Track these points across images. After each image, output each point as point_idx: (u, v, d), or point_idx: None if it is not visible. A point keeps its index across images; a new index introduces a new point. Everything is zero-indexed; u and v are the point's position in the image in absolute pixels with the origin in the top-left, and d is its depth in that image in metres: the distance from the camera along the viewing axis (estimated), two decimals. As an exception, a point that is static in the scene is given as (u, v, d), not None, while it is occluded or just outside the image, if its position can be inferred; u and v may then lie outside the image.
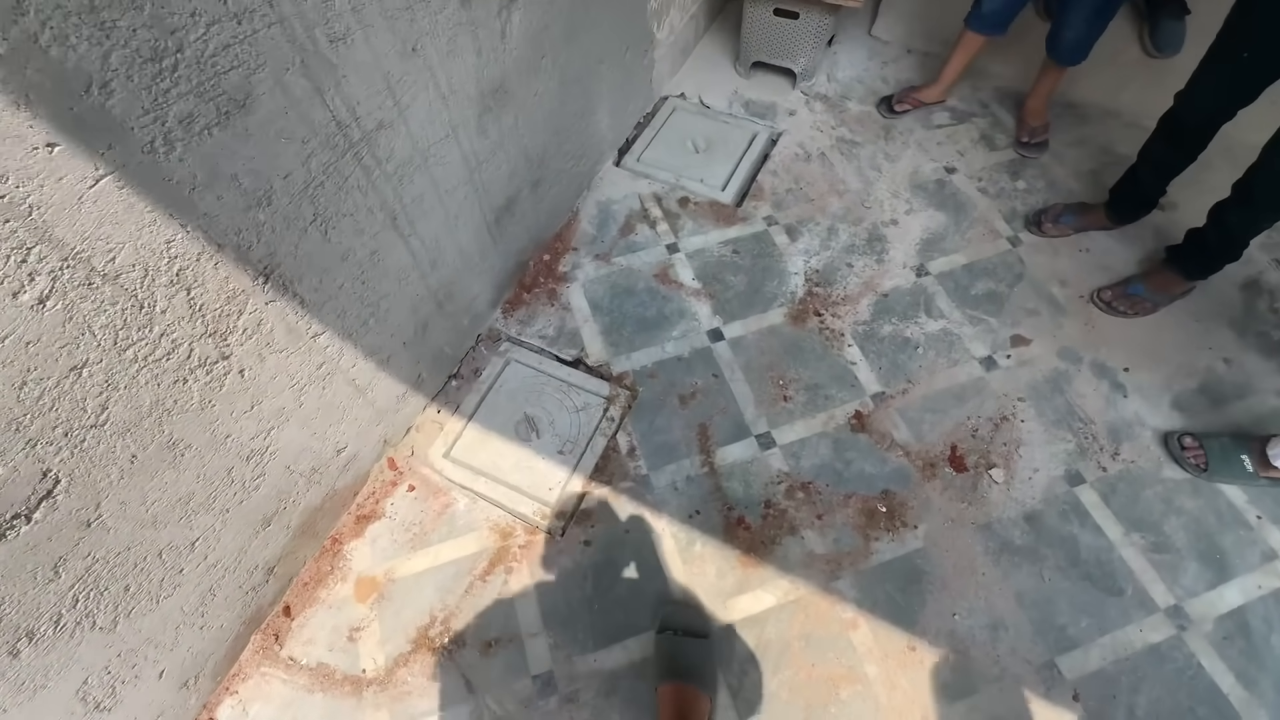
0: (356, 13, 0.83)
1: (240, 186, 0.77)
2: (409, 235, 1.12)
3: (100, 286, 0.67)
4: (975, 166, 1.82)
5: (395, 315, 1.18)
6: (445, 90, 1.05)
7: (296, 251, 0.90)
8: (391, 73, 0.93)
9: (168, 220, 0.71)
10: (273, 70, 0.75)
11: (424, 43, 0.96)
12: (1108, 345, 1.49)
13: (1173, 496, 1.30)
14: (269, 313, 0.89)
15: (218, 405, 0.87)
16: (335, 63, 0.83)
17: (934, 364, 1.48)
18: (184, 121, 0.68)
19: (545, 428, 1.40)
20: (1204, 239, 1.41)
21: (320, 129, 0.85)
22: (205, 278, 0.78)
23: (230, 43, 0.69)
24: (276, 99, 0.77)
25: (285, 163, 0.82)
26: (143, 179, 0.66)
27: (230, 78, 0.70)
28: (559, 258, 1.65)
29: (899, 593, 1.21)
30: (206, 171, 0.73)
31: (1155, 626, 1.17)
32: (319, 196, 0.89)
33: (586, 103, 1.56)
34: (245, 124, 0.74)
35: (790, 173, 1.82)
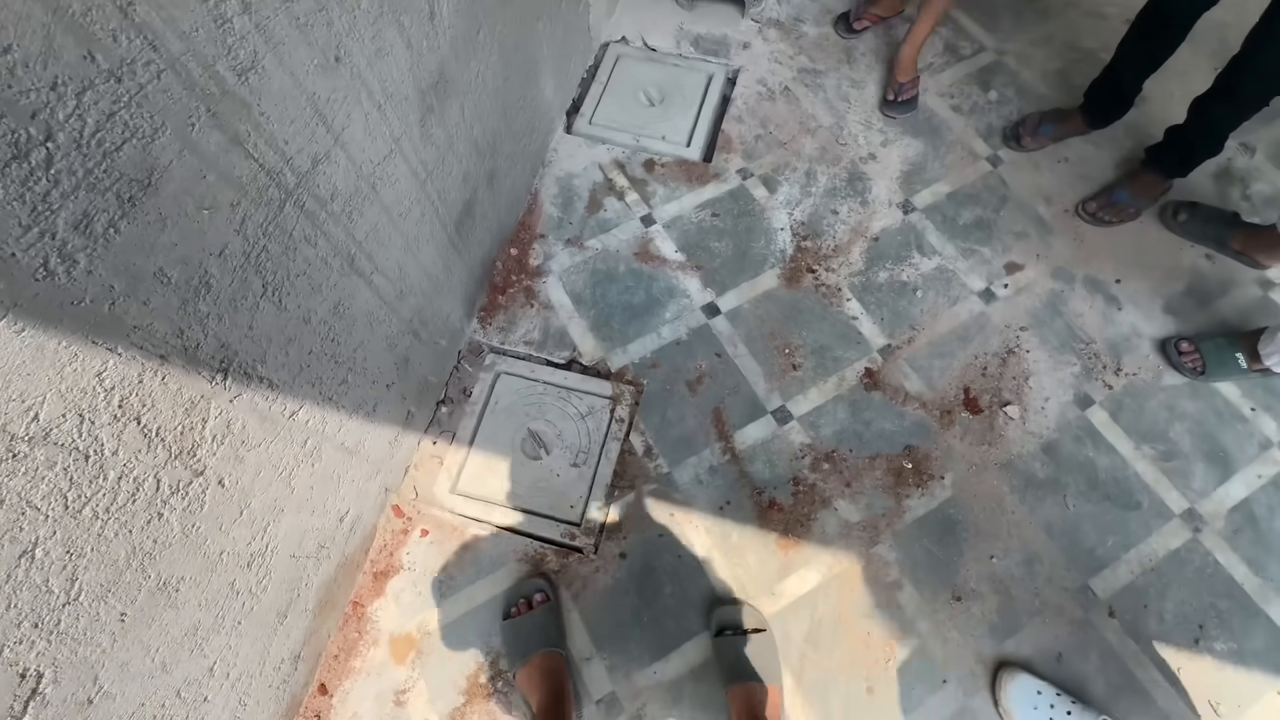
0: (262, 30, 0.65)
1: (170, 282, 0.62)
2: (371, 274, 0.97)
3: (29, 453, 0.53)
4: (944, 82, 1.73)
5: (373, 361, 1.04)
6: (380, 99, 0.88)
7: (251, 333, 0.76)
8: (317, 94, 0.76)
9: (91, 349, 0.56)
10: (175, 130, 0.58)
11: (347, 47, 0.79)
12: (1097, 259, 1.49)
13: (1175, 402, 1.34)
14: (236, 410, 0.76)
15: (203, 526, 0.75)
16: (249, 100, 0.66)
17: (935, 306, 1.44)
18: (79, 226, 0.52)
19: (553, 441, 1.31)
20: (1186, 135, 1.39)
21: (249, 184, 0.69)
22: (154, 399, 0.64)
23: (113, 110, 0.52)
24: (188, 164, 0.61)
25: (216, 237, 0.67)
26: (46, 312, 0.52)
27: (124, 154, 0.54)
28: (527, 250, 1.51)
29: (936, 546, 1.22)
30: (124, 278, 0.57)
31: (1173, 532, 1.23)
32: (264, 263, 0.74)
33: (530, 70, 1.37)
34: (156, 206, 0.59)
35: (756, 115, 1.69)
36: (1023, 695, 1.08)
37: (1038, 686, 1.08)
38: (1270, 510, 1.24)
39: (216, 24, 0.60)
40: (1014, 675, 1.10)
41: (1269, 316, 1.41)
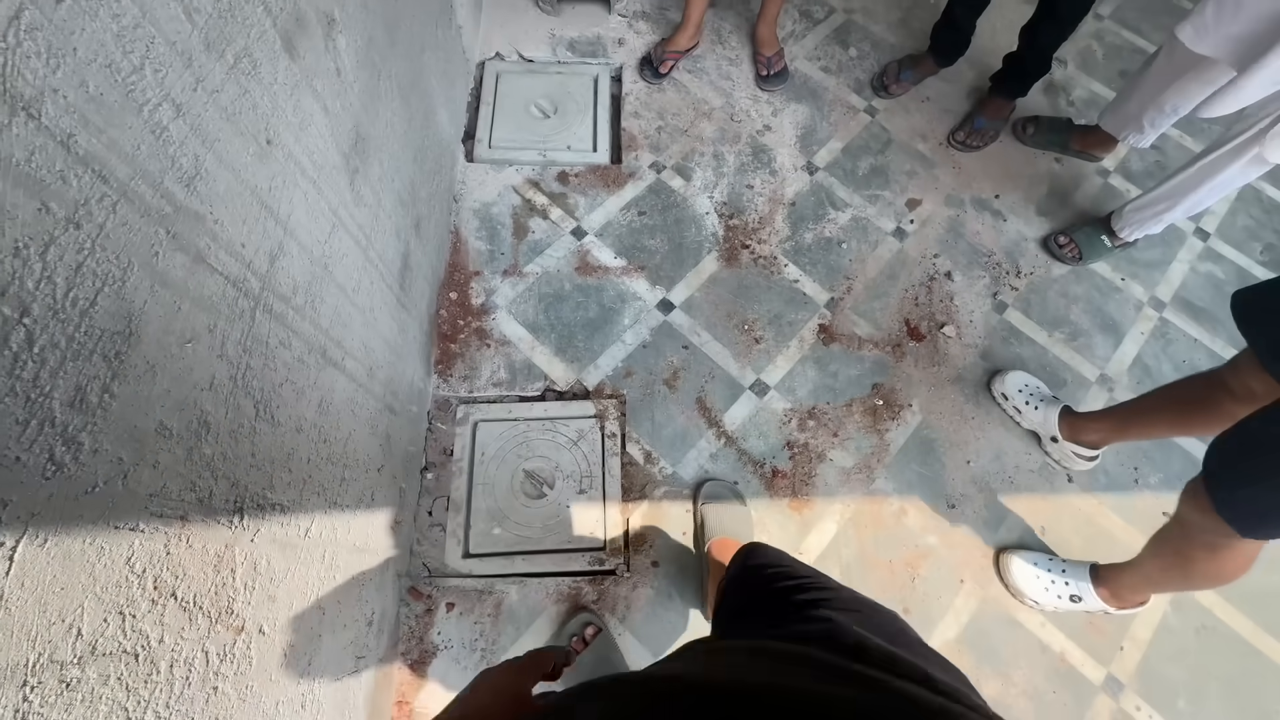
0: (198, 131, 0.58)
1: (172, 434, 0.55)
2: (342, 360, 0.89)
3: (81, 676, 0.45)
4: (809, 46, 1.85)
5: (362, 449, 0.97)
6: (313, 174, 0.80)
7: (255, 460, 0.68)
8: (259, 185, 0.68)
9: (115, 535, 0.48)
10: (142, 264, 0.51)
11: (274, 128, 0.71)
12: (976, 180, 1.68)
13: (1066, 289, 1.56)
14: (258, 547, 0.68)
15: (255, 683, 0.67)
16: (201, 210, 0.58)
17: (860, 253, 1.56)
18: (75, 403, 0.45)
19: (552, 475, 1.29)
20: (1021, 60, 1.59)
21: (220, 303, 0.61)
22: (184, 566, 0.56)
23: (80, 261, 0.45)
24: (161, 299, 0.53)
25: (203, 370, 0.59)
26: (64, 510, 0.44)
27: (100, 308, 0.47)
28: (466, 290, 1.44)
29: (923, 467, 1.35)
30: (129, 445, 0.50)
31: (1095, 396, 1.44)
32: (250, 382, 0.67)
33: (427, 106, 1.30)
34: (143, 355, 0.51)
35: (651, 108, 1.72)
36: (1024, 573, 1.23)
37: (1033, 559, 1.24)
38: (1157, 358, 1.49)
39: (155, 135, 0.52)
40: (1011, 558, 1.25)
41: (1113, 199, 1.67)
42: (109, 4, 0.47)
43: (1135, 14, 2.01)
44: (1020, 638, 1.22)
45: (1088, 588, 1.17)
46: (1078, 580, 1.19)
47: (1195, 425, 1.08)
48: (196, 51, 0.58)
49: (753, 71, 1.77)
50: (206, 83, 0.59)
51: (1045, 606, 1.21)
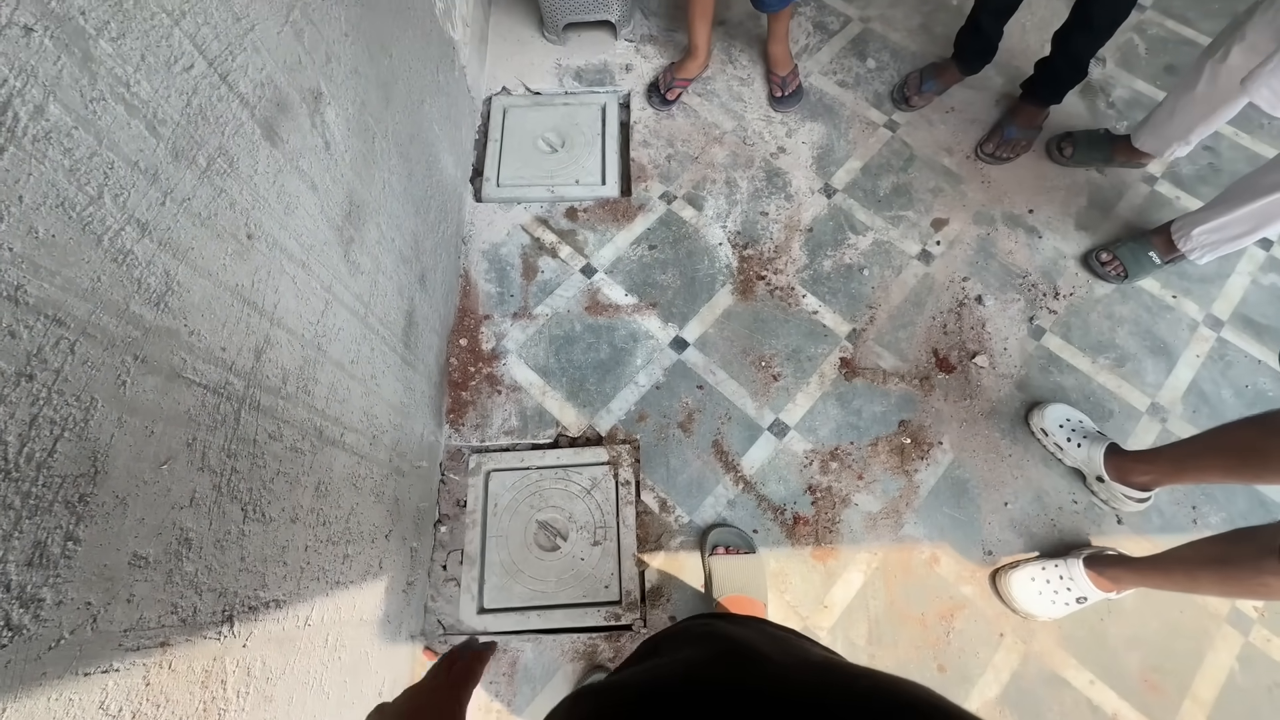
0: (167, 245, 0.56)
1: (149, 562, 0.54)
2: (341, 436, 0.88)
3: (50, 838, 0.44)
4: (824, 60, 1.78)
5: (366, 520, 0.96)
6: (302, 256, 0.79)
7: (244, 564, 0.67)
8: (240, 284, 0.67)
9: (85, 682, 0.47)
10: (107, 399, 0.50)
11: (256, 220, 0.70)
12: (1007, 195, 1.58)
13: (1111, 310, 1.45)
14: (252, 651, 0.67)
15: (252, 790, 0.66)
16: (174, 326, 0.57)
17: (883, 279, 1.49)
18: (33, 561, 0.43)
19: (566, 526, 1.26)
20: (1053, 66, 1.49)
21: (198, 414, 0.60)
22: (167, 693, 0.55)
23: (34, 412, 0.44)
24: (131, 428, 0.52)
25: (182, 488, 0.58)
26: (23, 672, 0.43)
27: (60, 455, 0.45)
28: (476, 335, 1.43)
29: (956, 510, 1.27)
30: (99, 587, 0.49)
31: (1146, 429, 1.34)
32: (237, 486, 0.66)
33: (429, 156, 1.29)
34: (112, 490, 0.50)
35: (660, 136, 1.67)
36: (1026, 592, 1.18)
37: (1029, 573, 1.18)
38: (1215, 383, 1.37)
39: (118, 262, 0.51)
40: (1010, 579, 1.20)
41: (1161, 208, 1.55)
42: (58, 141, 0.46)
43: (1182, 2, 1.87)
44: (1068, 697, 1.13)
45: (1087, 584, 1.11)
46: (1077, 581, 1.12)
47: (1261, 474, 0.98)
48: (163, 164, 0.56)
49: (765, 92, 1.71)
50: (175, 193, 0.58)
51: (1056, 616, 1.14)
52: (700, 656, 0.46)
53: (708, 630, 0.55)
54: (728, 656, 0.43)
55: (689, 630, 0.57)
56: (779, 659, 0.41)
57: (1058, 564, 1.16)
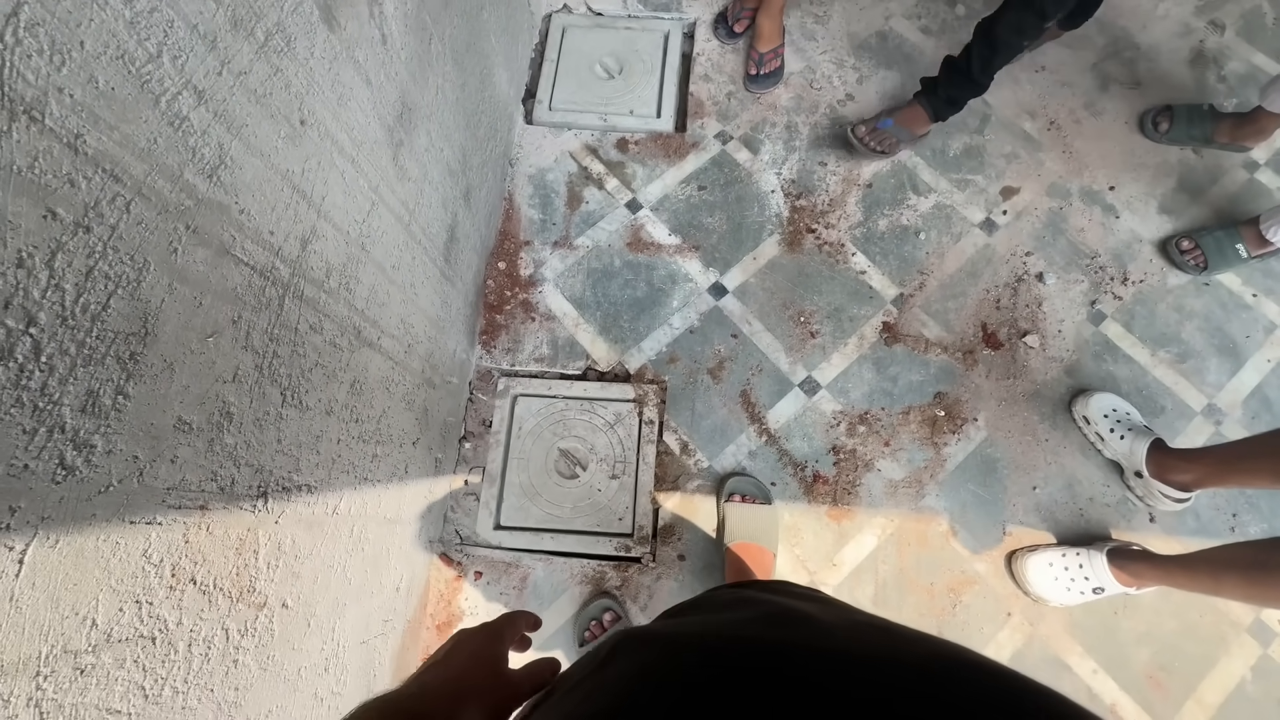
0: (222, 117, 0.56)
1: (192, 428, 0.55)
2: (378, 339, 0.89)
3: (96, 662, 0.48)
4: (909, 3, 1.64)
5: (396, 425, 0.98)
6: (352, 152, 0.78)
7: (281, 446, 0.69)
8: (291, 170, 0.66)
9: (131, 530, 0.50)
10: (159, 264, 0.50)
11: (309, 106, 0.69)
12: (1089, 168, 1.47)
13: (1182, 302, 1.36)
14: (283, 529, 0.70)
15: (277, 653, 0.71)
16: (226, 201, 0.57)
17: (939, 245, 1.42)
18: (87, 407, 0.45)
19: (586, 457, 1.28)
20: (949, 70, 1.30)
21: (245, 293, 0.61)
22: (203, 552, 0.58)
23: (91, 265, 0.44)
24: (180, 296, 0.53)
25: (226, 363, 0.59)
26: (77, 512, 0.45)
27: (113, 311, 0.46)
28: (515, 260, 1.42)
29: (981, 488, 1.24)
30: (146, 443, 0.51)
31: (1198, 430, 1.27)
32: (277, 370, 0.67)
33: (484, 68, 1.25)
34: (160, 354, 0.51)
35: (723, 71, 1.59)
36: (1041, 576, 1.15)
37: (1048, 558, 1.16)
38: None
39: (174, 127, 0.51)
40: (1026, 561, 1.18)
41: (1259, 198, 1.43)
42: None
43: (1327, -33, 1.66)
44: (1067, 681, 1.13)
45: (1107, 576, 1.09)
46: (1097, 572, 1.10)
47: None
48: (222, 32, 0.55)
49: (843, 28, 1.59)
50: (233, 64, 0.57)
51: (1069, 604, 1.13)
52: (743, 616, 0.44)
53: (738, 596, 0.54)
54: (771, 617, 0.41)
55: (715, 598, 0.56)
56: (824, 618, 0.39)
57: (1079, 552, 1.13)
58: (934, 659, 0.30)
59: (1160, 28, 1.59)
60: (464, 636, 0.45)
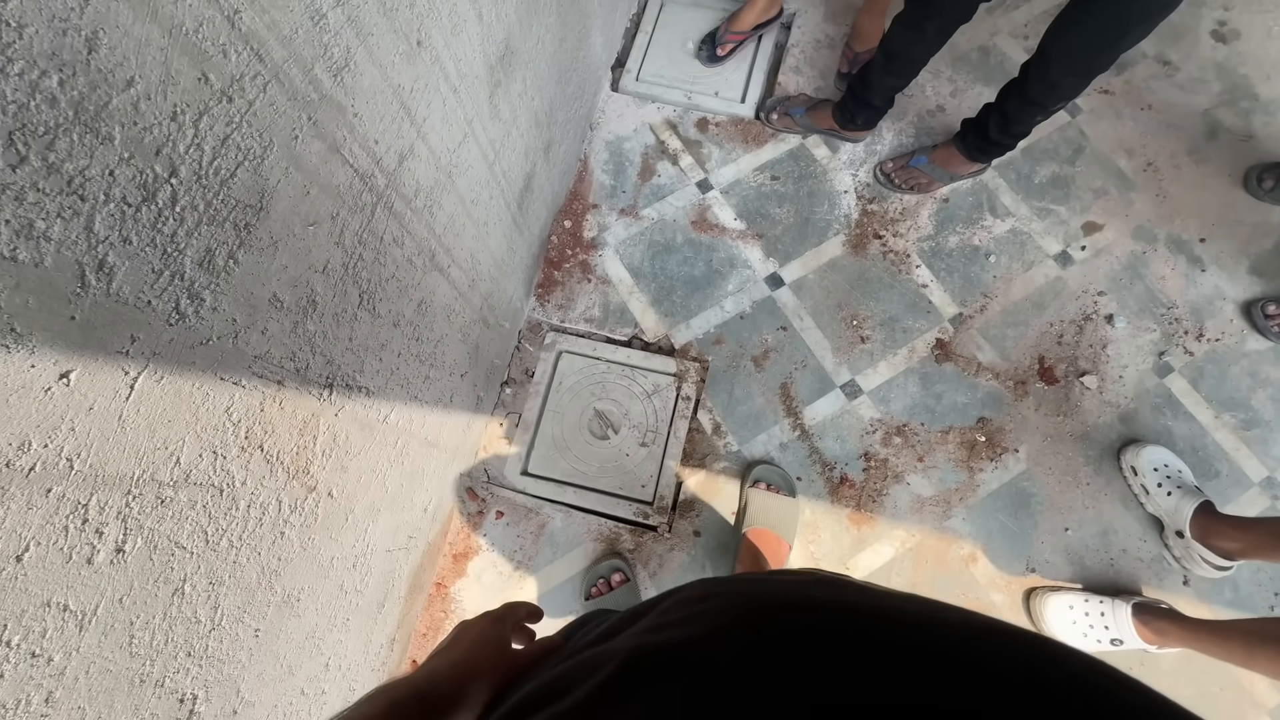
0: (354, 23, 0.59)
1: (283, 306, 0.60)
2: (448, 267, 0.93)
3: (174, 497, 0.52)
4: (1018, 21, 1.60)
5: (450, 354, 1.02)
6: (455, 81, 0.81)
7: (351, 345, 0.73)
8: (402, 85, 0.70)
9: (220, 385, 0.54)
10: (281, 146, 0.54)
11: (426, 30, 0.72)
12: (1180, 216, 1.41)
13: (1258, 368, 1.30)
14: (341, 422, 0.75)
15: (317, 537, 0.76)
16: (344, 102, 0.61)
17: (1008, 270, 1.39)
18: (204, 263, 0.49)
19: (620, 421, 1.31)
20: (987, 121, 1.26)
21: (345, 193, 0.65)
22: (274, 424, 0.63)
23: (228, 133, 0.48)
24: (294, 181, 0.57)
25: (320, 254, 0.63)
26: (181, 356, 0.49)
27: (238, 180, 0.50)
28: (581, 221, 1.45)
29: (1011, 519, 1.22)
30: (244, 309, 0.55)
31: (1253, 501, 1.22)
32: (360, 272, 0.71)
33: (583, 27, 1.27)
34: (269, 230, 0.55)
35: (815, 66, 1.58)
36: (1060, 619, 1.14)
37: (1069, 601, 1.14)
38: (1352, 477, 1.23)
39: (314, 22, 0.54)
40: (1046, 600, 1.15)
41: (1362, 274, 1.35)
42: (292, -117, 0.48)
43: None
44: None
45: (1129, 629, 1.06)
46: (1119, 622, 1.07)
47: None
48: (366, -59, 0.58)
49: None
50: (370, -26, 0.60)
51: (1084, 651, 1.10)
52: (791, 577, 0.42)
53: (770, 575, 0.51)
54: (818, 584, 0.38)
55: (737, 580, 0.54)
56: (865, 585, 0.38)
57: (1102, 600, 1.10)
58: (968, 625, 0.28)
59: (1285, 81, 1.50)
60: (466, 625, 0.47)
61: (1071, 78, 1.08)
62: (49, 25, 0.35)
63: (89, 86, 0.38)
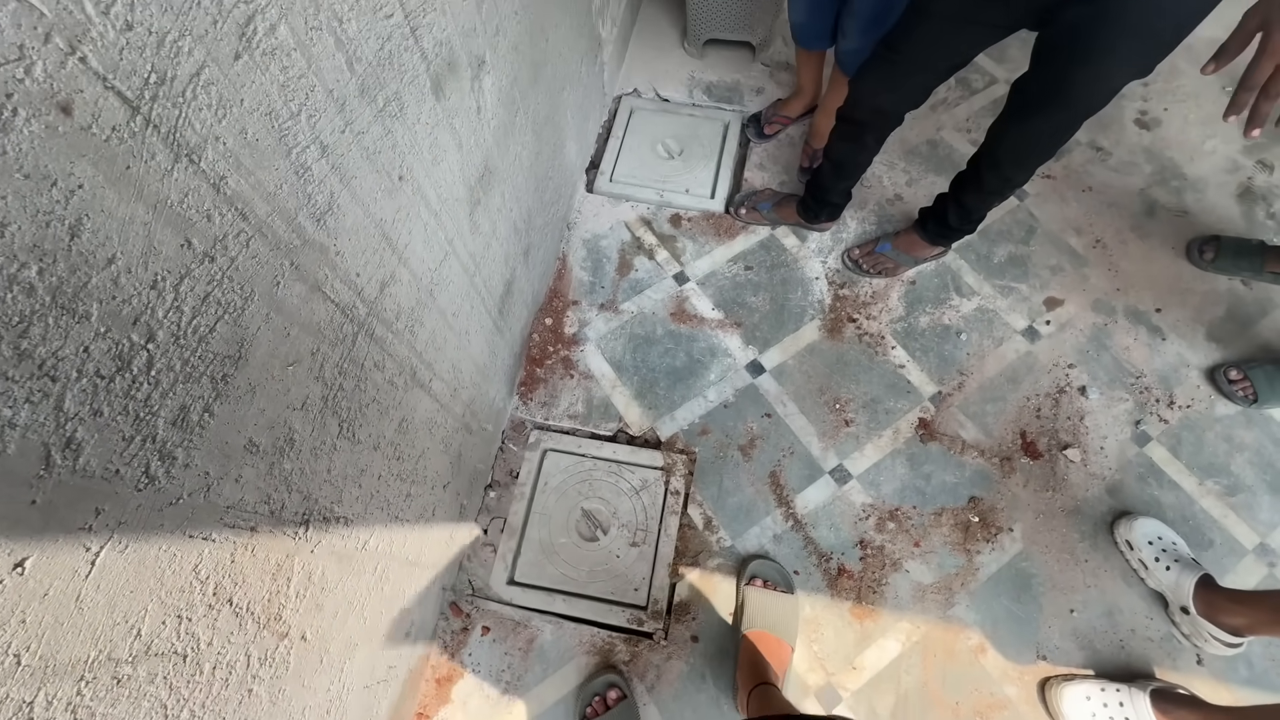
0: (338, 170, 0.61)
1: (259, 450, 0.58)
2: (430, 381, 0.93)
3: (133, 674, 0.48)
4: (960, 117, 1.73)
5: (432, 467, 1.00)
6: (436, 206, 0.84)
7: (330, 477, 0.71)
8: (384, 219, 0.72)
9: (188, 544, 0.51)
10: (263, 295, 0.54)
11: (408, 164, 0.75)
12: (1135, 288, 1.48)
13: (1232, 433, 1.33)
14: (317, 558, 0.71)
15: (288, 688, 0.70)
16: (326, 243, 0.62)
17: (980, 347, 1.42)
18: (177, 421, 0.48)
19: (609, 520, 1.27)
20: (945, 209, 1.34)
21: (326, 328, 0.65)
22: (244, 574, 0.59)
23: (209, 291, 0.48)
24: (274, 325, 0.56)
25: (299, 391, 0.62)
26: (148, 521, 0.47)
27: (218, 335, 0.50)
28: (561, 318, 1.47)
29: (1014, 604, 1.19)
30: (218, 461, 0.53)
31: (1249, 569, 1.21)
32: (340, 402, 0.70)
33: (557, 139, 1.34)
34: (247, 378, 0.54)
35: (777, 162, 1.68)
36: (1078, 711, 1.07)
37: (1085, 691, 1.07)
38: (1341, 539, 1.23)
39: (298, 175, 0.56)
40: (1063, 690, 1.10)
41: (1310, 336, 1.42)
42: (280, 58, 0.51)
43: (1375, 121, 1.70)
44: (1103, 835, 1.03)
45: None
46: (1139, 712, 1.02)
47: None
48: (351, 97, 0.62)
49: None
50: (355, 125, 0.63)
51: None
52: None
53: None
54: None
55: None
56: None
57: (1119, 689, 1.06)
58: None
59: (1208, 162, 1.63)
60: None
61: (1018, 171, 1.16)
62: (32, 220, 0.35)
63: (69, 270, 0.38)
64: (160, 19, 0.40)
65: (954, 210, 1.31)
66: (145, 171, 0.41)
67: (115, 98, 0.38)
